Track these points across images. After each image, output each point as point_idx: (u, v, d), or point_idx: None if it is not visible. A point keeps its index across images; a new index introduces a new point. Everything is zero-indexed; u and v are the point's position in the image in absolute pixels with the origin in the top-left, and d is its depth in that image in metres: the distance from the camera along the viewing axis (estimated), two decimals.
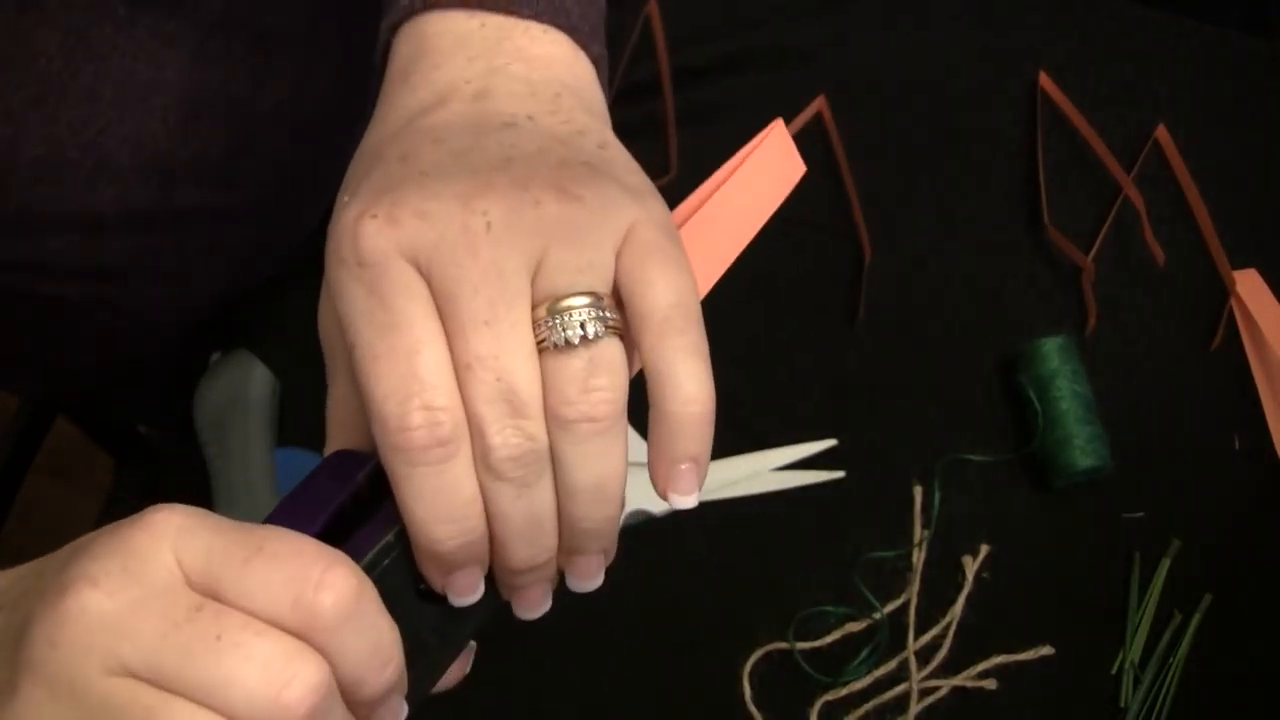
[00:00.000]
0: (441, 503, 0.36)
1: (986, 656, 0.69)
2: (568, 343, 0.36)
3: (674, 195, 0.47)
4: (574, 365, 0.36)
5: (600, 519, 0.38)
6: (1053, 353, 0.72)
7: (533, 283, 0.36)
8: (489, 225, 0.36)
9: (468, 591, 0.38)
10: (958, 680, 0.68)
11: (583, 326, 0.36)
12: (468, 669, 0.43)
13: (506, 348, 0.35)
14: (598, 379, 0.36)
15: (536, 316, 0.36)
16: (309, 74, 0.65)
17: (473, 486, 0.36)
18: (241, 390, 0.71)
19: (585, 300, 0.36)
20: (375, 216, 0.36)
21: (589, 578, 0.40)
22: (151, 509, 0.33)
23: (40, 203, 0.57)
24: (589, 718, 0.68)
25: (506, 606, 0.41)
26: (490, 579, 0.40)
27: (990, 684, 0.68)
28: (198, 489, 0.71)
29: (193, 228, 0.65)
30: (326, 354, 0.41)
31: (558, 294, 0.36)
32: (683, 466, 0.38)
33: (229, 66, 0.60)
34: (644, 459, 0.39)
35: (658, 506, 0.71)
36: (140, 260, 0.64)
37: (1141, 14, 0.85)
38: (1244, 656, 0.69)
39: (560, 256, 0.36)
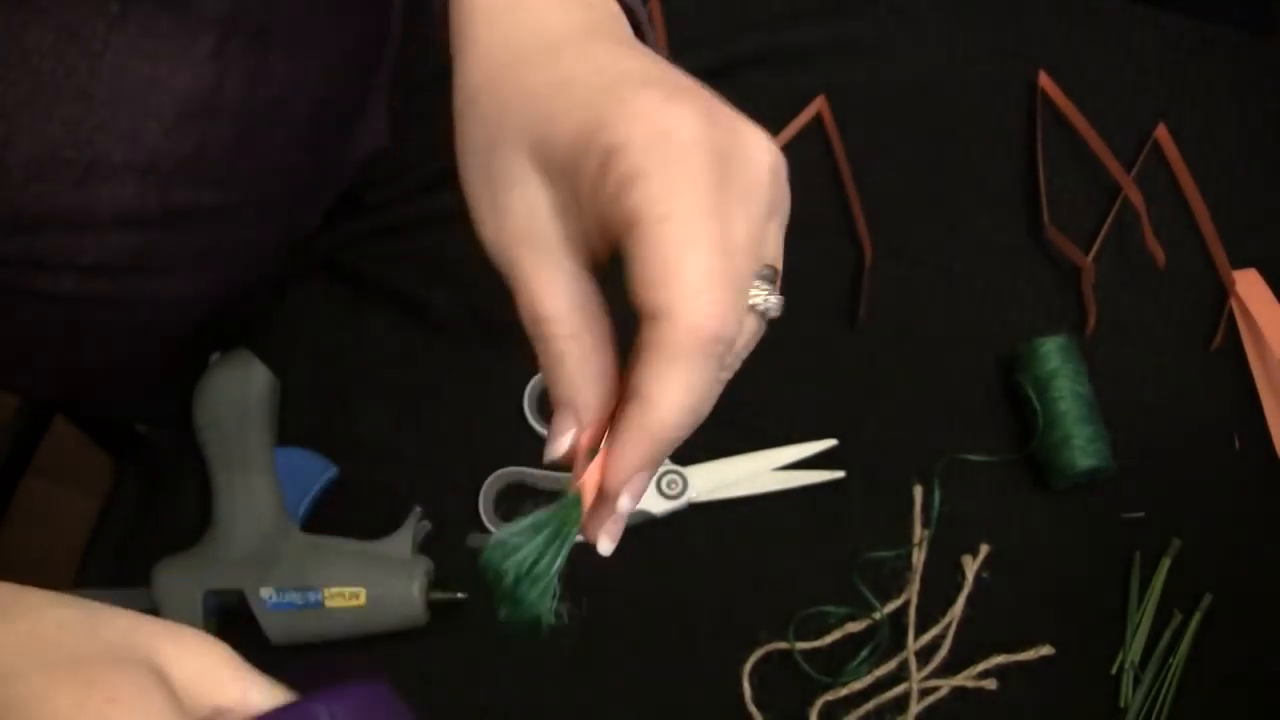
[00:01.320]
0: (704, 398, 0.37)
1: (986, 656, 0.69)
2: (763, 314, 0.40)
3: None
4: (751, 327, 0.40)
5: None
6: (1053, 353, 0.72)
7: None
8: (771, 167, 0.38)
9: (641, 495, 0.39)
10: (958, 680, 0.68)
11: (767, 302, 0.40)
12: None
13: (742, 296, 0.38)
14: (754, 340, 0.41)
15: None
16: (302, 73, 0.65)
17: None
18: (241, 390, 0.71)
19: (772, 273, 0.40)
20: (681, 103, 0.37)
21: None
22: (110, 689, 0.32)
23: (35, 203, 0.57)
24: (589, 717, 0.68)
25: None
26: None
27: (990, 684, 0.68)
28: (197, 489, 0.71)
29: (190, 227, 0.65)
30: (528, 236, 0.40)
31: (768, 261, 0.40)
32: None
33: (223, 64, 0.60)
34: None
35: (658, 507, 0.71)
36: (137, 259, 0.64)
37: (1141, 14, 0.85)
38: (1244, 656, 0.69)
39: (777, 223, 0.40)
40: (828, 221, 0.79)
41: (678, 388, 0.37)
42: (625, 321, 0.39)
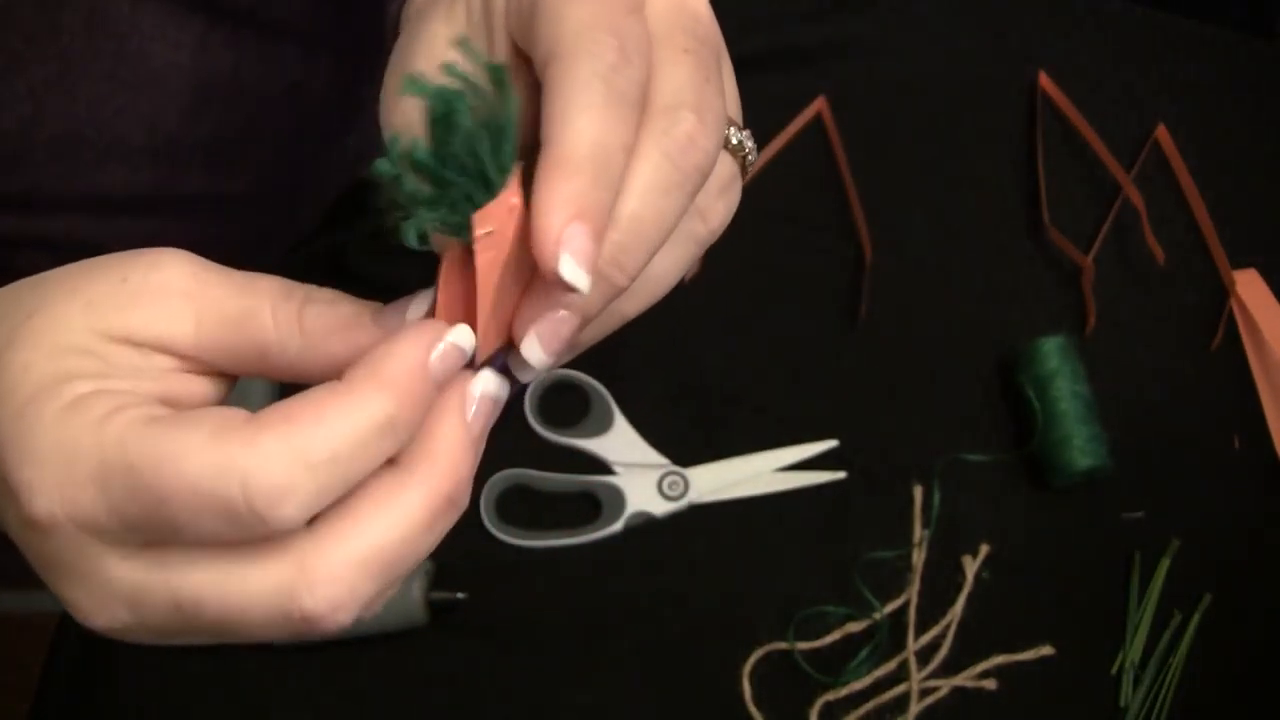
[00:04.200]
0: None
1: (986, 656, 0.69)
2: (737, 151, 0.45)
3: None
4: (727, 168, 0.45)
5: None
6: (1053, 353, 0.72)
7: None
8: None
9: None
10: (958, 680, 0.68)
11: (739, 137, 0.46)
12: None
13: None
14: (735, 191, 0.45)
15: None
16: (311, 61, 0.66)
17: None
18: (241, 390, 0.71)
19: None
20: None
21: None
22: None
23: (53, 183, 0.58)
24: (589, 717, 0.68)
25: None
26: None
27: (990, 684, 0.68)
28: None
29: (200, 214, 0.65)
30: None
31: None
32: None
33: (237, 51, 0.60)
34: (640, 460, 0.39)
35: (659, 507, 0.71)
36: (146, 243, 0.64)
37: (1141, 14, 0.85)
38: (1244, 656, 0.69)
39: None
40: (828, 221, 0.79)
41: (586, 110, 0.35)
42: None
